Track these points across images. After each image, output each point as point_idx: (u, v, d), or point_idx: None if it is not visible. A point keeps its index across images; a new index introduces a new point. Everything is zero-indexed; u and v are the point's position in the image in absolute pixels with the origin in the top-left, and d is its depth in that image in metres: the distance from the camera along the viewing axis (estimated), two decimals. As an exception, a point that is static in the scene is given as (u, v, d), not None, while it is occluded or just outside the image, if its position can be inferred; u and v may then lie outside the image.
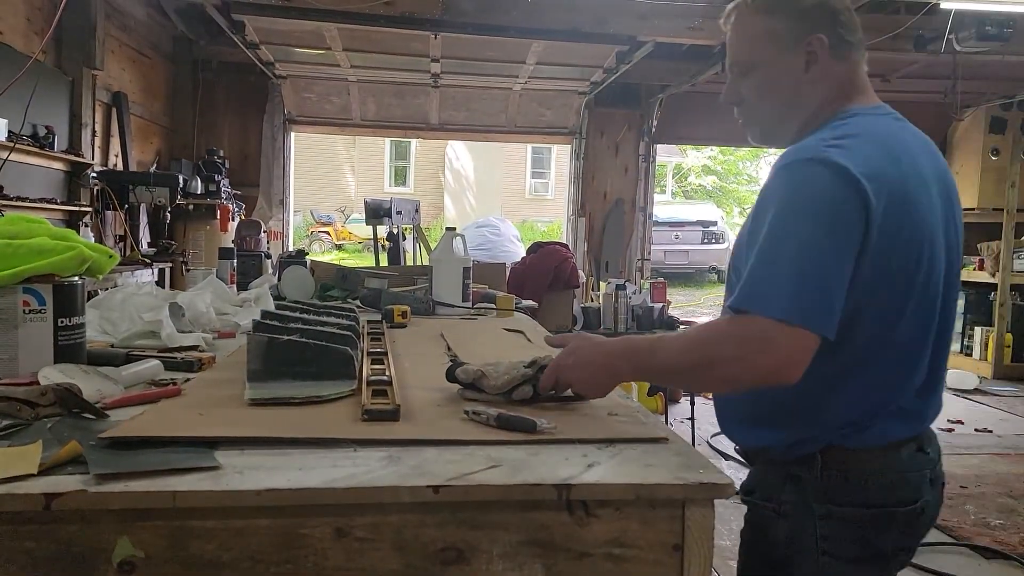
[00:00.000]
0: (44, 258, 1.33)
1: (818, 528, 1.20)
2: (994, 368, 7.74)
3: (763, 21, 1.30)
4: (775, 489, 1.25)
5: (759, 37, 1.31)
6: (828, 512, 1.20)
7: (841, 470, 1.20)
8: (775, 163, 1.22)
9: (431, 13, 5.63)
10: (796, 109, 1.32)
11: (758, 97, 1.34)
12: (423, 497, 0.89)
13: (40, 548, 0.84)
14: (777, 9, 1.30)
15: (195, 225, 6.56)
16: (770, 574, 1.25)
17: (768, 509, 1.25)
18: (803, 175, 1.15)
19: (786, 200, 1.14)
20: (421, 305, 2.50)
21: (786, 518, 1.23)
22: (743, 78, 1.34)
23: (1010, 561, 3.26)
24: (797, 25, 1.28)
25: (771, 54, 1.30)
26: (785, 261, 1.10)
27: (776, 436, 1.25)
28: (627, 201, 8.38)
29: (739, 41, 1.34)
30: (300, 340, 1.33)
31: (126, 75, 6.35)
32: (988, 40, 5.51)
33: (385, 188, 20.87)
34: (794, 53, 1.29)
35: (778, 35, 1.29)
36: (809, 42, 1.28)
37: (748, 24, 1.33)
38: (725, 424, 1.36)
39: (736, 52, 1.35)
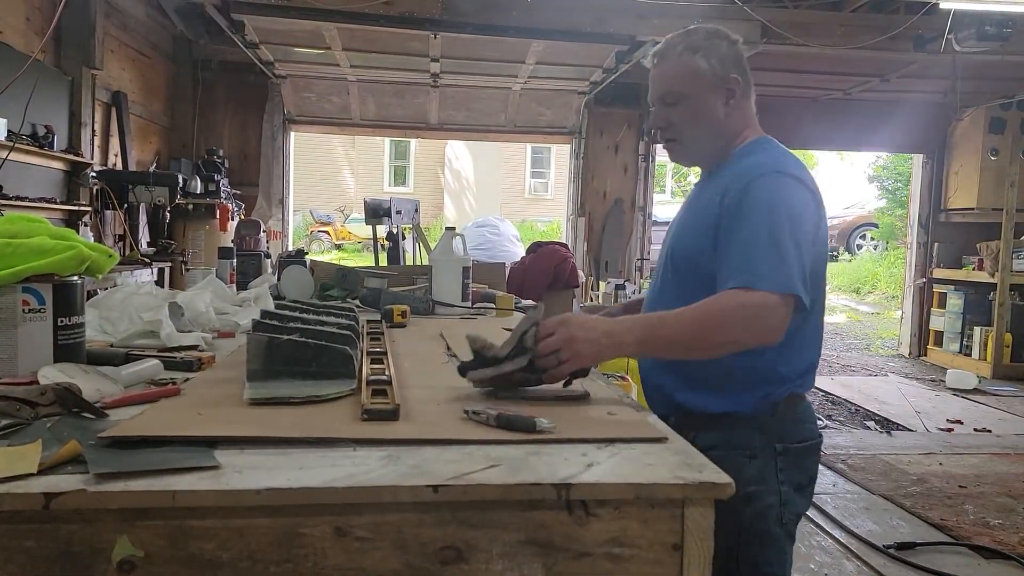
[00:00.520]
0: (44, 257, 1.33)
1: (778, 463, 1.54)
2: (993, 368, 7.75)
3: (692, 61, 1.59)
4: (744, 437, 1.54)
5: (689, 74, 1.60)
6: (784, 449, 1.55)
7: (792, 414, 1.57)
8: (747, 175, 1.51)
9: (431, 13, 5.63)
10: (717, 135, 1.63)
11: (687, 124, 1.62)
12: (423, 497, 0.89)
13: (40, 547, 0.84)
14: (702, 52, 1.59)
15: (194, 225, 6.55)
16: (743, 508, 1.50)
17: (740, 455, 1.52)
18: (779, 185, 1.48)
19: (770, 204, 1.46)
20: (421, 305, 2.50)
21: (754, 459, 1.53)
22: (672, 108, 1.62)
23: (1009, 561, 3.27)
24: (718, 66, 1.59)
25: (699, 89, 1.60)
26: (773, 247, 1.41)
27: (751, 396, 1.54)
28: (626, 201, 8.38)
29: (671, 77, 1.61)
30: (300, 340, 1.33)
31: (126, 75, 6.35)
32: (987, 40, 5.51)
33: (385, 188, 20.86)
34: (717, 89, 1.60)
35: (703, 73, 1.59)
36: (729, 81, 1.60)
37: (678, 63, 1.61)
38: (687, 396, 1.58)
39: (668, 85, 1.62)
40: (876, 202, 18.74)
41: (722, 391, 1.55)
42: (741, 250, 1.44)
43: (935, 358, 8.65)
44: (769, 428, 1.54)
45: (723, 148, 1.63)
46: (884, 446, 5.09)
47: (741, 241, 1.44)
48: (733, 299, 1.40)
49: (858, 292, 14.57)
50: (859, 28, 5.90)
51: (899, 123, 8.32)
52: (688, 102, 1.60)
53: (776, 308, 1.39)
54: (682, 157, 1.69)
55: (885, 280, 14.51)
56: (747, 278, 1.40)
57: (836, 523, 3.65)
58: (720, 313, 1.40)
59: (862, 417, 5.99)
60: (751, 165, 1.54)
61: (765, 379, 1.54)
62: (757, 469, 1.53)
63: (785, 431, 1.56)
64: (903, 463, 4.63)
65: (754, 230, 1.44)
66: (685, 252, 1.59)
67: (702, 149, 1.66)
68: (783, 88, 7.91)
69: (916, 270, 8.99)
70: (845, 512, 3.80)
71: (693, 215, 1.62)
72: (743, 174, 1.51)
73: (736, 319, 1.39)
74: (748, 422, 1.54)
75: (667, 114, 1.63)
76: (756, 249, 1.42)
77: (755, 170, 1.51)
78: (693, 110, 1.60)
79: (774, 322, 1.40)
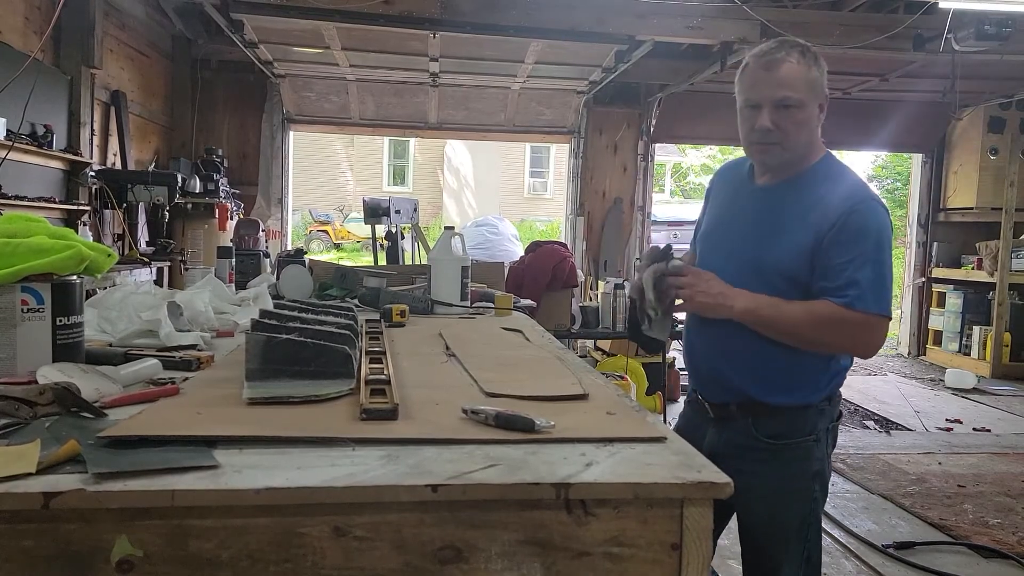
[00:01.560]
0: (42, 257, 1.33)
1: (828, 438, 1.79)
2: (992, 367, 7.75)
3: (810, 72, 1.68)
4: (810, 425, 1.75)
5: (808, 83, 1.67)
6: (832, 427, 1.81)
7: (837, 399, 1.83)
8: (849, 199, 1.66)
9: (430, 12, 5.62)
10: (809, 145, 1.73)
11: (794, 130, 1.68)
12: (422, 496, 0.89)
13: (38, 547, 0.84)
14: (815, 64, 1.69)
15: (194, 224, 6.55)
16: (813, 484, 1.76)
17: (808, 440, 1.75)
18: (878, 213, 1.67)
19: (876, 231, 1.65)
20: (419, 304, 2.50)
21: (819, 442, 1.76)
22: (786, 110, 1.67)
23: (1008, 560, 3.27)
24: (822, 79, 1.70)
25: (812, 98, 1.69)
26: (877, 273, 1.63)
27: (820, 391, 1.77)
28: (626, 200, 8.38)
29: (793, 81, 1.66)
30: (298, 339, 1.33)
31: (125, 74, 6.34)
32: (987, 40, 5.50)
33: (384, 187, 20.85)
34: (818, 102, 1.71)
35: (817, 85, 1.69)
36: (825, 94, 1.72)
37: (802, 70, 1.67)
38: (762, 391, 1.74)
39: (788, 89, 1.66)
40: (875, 201, 18.73)
41: (799, 389, 1.74)
42: (845, 270, 1.62)
43: (934, 357, 8.65)
44: (827, 413, 1.78)
45: (805, 158, 1.75)
46: (883, 446, 5.10)
47: (846, 263, 1.62)
48: (835, 311, 1.62)
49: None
50: (858, 27, 5.90)
51: (898, 122, 8.32)
52: (802, 109, 1.68)
53: (877, 328, 1.65)
54: (777, 159, 1.74)
55: (884, 279, 14.47)
56: (853, 297, 1.61)
57: (835, 522, 3.65)
58: (825, 321, 1.63)
59: (861, 416, 5.99)
60: (851, 187, 1.71)
61: (834, 376, 1.78)
62: (821, 450, 1.77)
63: (833, 412, 1.81)
64: (902, 463, 4.64)
65: (858, 253, 1.62)
66: (783, 263, 1.69)
67: (796, 155, 1.73)
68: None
69: (915, 269, 9.00)
70: (844, 511, 3.80)
71: (779, 227, 1.72)
72: (845, 197, 1.67)
73: (838, 330, 1.64)
74: (814, 410, 1.76)
75: (777, 117, 1.68)
76: (859, 272, 1.61)
77: (856, 194, 1.68)
78: (803, 117, 1.69)
79: (875, 340, 1.68)
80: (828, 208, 1.65)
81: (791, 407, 1.75)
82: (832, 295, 1.63)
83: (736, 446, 1.75)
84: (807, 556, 1.78)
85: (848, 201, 1.66)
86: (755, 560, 1.82)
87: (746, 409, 1.76)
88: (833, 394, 1.80)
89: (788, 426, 1.75)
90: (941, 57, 5.97)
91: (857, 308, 1.61)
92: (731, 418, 1.80)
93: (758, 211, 1.77)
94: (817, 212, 1.66)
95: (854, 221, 1.63)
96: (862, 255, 1.62)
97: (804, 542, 1.77)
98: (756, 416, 1.75)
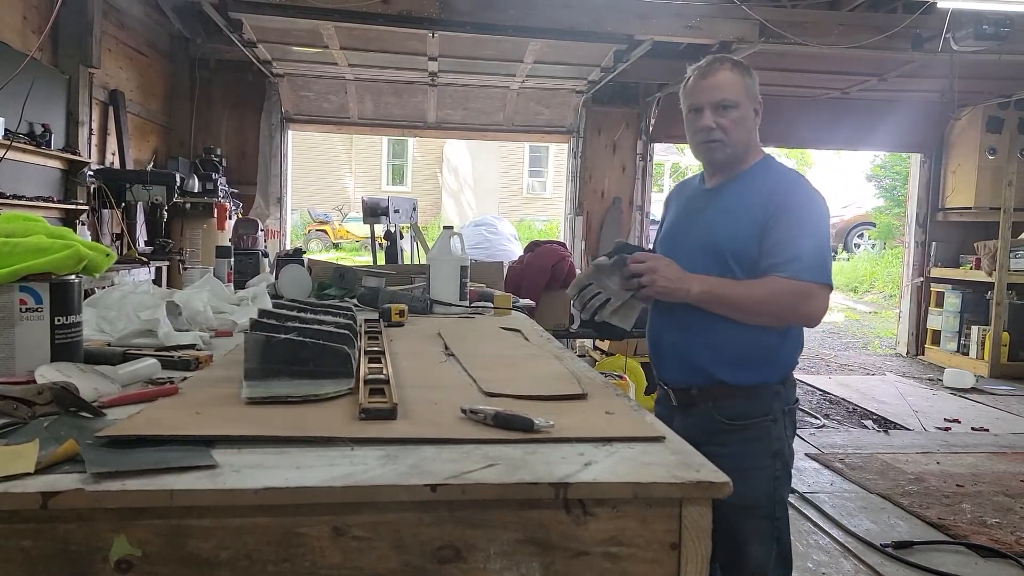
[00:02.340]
0: (41, 256, 1.33)
1: (785, 422, 1.92)
2: (991, 367, 7.76)
3: (743, 79, 1.92)
4: (767, 405, 1.89)
5: (742, 87, 1.91)
6: (789, 410, 1.93)
7: (792, 383, 1.96)
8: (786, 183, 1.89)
9: (428, 12, 5.62)
10: (748, 143, 1.94)
11: (733, 128, 1.90)
12: (420, 496, 0.89)
13: (37, 547, 0.84)
14: (747, 74, 1.93)
15: (192, 223, 6.54)
16: (774, 462, 1.89)
17: (767, 420, 1.88)
18: (814, 196, 1.87)
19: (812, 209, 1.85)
20: (419, 304, 2.50)
21: (776, 422, 1.89)
22: (724, 110, 1.89)
23: (1006, 560, 3.27)
24: (755, 88, 1.94)
25: (746, 101, 1.91)
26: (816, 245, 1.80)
27: (778, 370, 1.92)
28: (625, 200, 8.38)
29: (727, 85, 1.90)
30: (297, 339, 1.33)
31: (123, 73, 6.34)
32: (985, 39, 5.51)
33: (383, 187, 20.83)
34: (753, 106, 1.94)
35: (751, 91, 1.93)
36: (759, 101, 1.95)
37: (734, 77, 1.91)
38: (723, 370, 1.87)
39: (724, 92, 1.90)
40: (874, 201, 18.76)
41: (759, 367, 1.88)
42: (786, 246, 1.79)
43: (933, 357, 8.66)
44: (783, 395, 1.91)
45: (745, 156, 1.95)
46: (882, 445, 5.10)
47: (787, 238, 1.79)
48: (782, 284, 1.77)
49: (856, 291, 14.59)
50: (857, 27, 5.90)
51: (897, 122, 8.32)
52: (738, 110, 1.90)
53: (819, 295, 1.79)
54: (722, 155, 1.94)
55: (883, 279, 14.52)
56: (793, 269, 1.77)
57: (834, 522, 3.65)
58: (774, 294, 1.79)
59: (860, 416, 5.99)
60: (786, 176, 1.93)
61: (789, 355, 1.93)
62: (779, 430, 1.90)
63: (790, 395, 1.94)
64: (900, 462, 4.64)
65: (799, 230, 1.80)
66: (733, 244, 1.86)
67: (737, 152, 1.94)
68: (781, 87, 7.91)
69: (914, 269, 9.00)
70: (843, 511, 3.80)
71: (728, 215, 1.90)
72: (782, 183, 1.89)
73: (786, 301, 1.79)
74: (770, 391, 1.89)
75: (719, 117, 1.90)
76: (801, 246, 1.78)
77: (793, 182, 1.90)
78: (739, 116, 1.90)
79: (818, 308, 1.81)
80: (769, 194, 1.85)
81: (749, 387, 1.88)
82: (777, 270, 1.78)
83: (703, 431, 1.83)
84: (776, 535, 1.90)
85: (786, 186, 1.88)
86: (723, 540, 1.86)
87: (706, 393, 1.90)
88: (787, 376, 1.94)
89: (747, 406, 1.89)
90: (939, 57, 5.97)
91: (801, 278, 1.77)
92: (693, 403, 1.93)
93: (709, 206, 1.96)
94: (760, 198, 1.85)
95: (792, 201, 1.84)
96: (801, 231, 1.80)
97: (772, 519, 1.89)
98: (716, 399, 1.90)
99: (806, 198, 1.86)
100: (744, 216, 1.86)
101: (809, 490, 4.10)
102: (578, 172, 8.33)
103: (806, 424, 5.61)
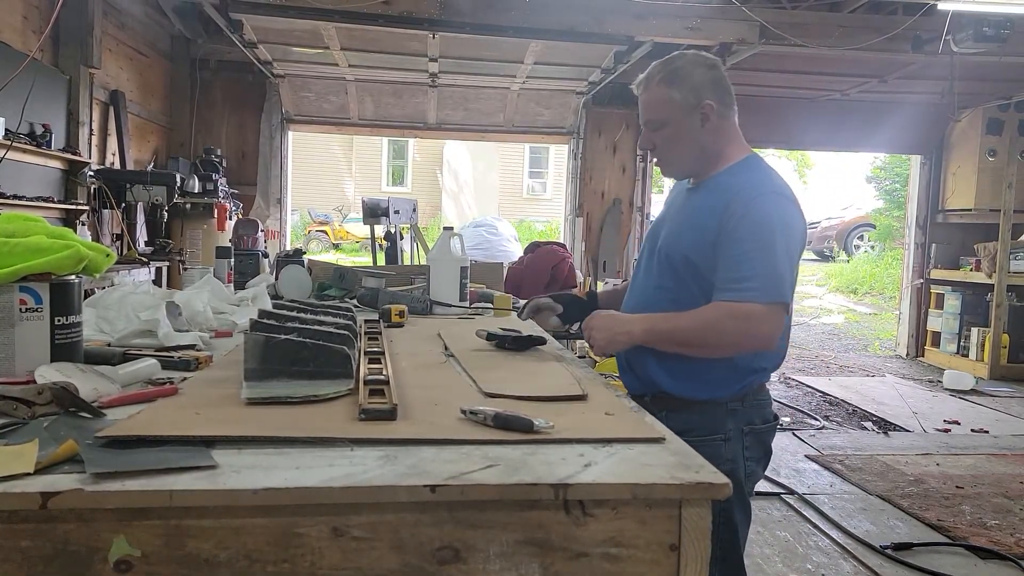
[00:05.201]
0: (41, 256, 1.33)
1: (744, 442, 1.77)
2: (990, 369, 7.76)
3: (668, 92, 1.76)
4: (719, 423, 1.75)
5: (664, 103, 1.77)
6: (751, 430, 1.78)
7: (757, 400, 1.80)
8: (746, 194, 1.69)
9: (429, 12, 5.62)
10: (699, 154, 1.80)
11: (668, 147, 1.80)
12: (420, 496, 0.89)
13: (36, 547, 0.84)
14: (675, 83, 1.76)
15: (192, 224, 6.54)
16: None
17: (716, 439, 1.74)
18: (776, 204, 1.69)
19: (768, 222, 1.66)
20: (418, 304, 2.50)
21: (728, 441, 1.76)
22: (655, 132, 1.80)
23: (1006, 561, 3.27)
24: (692, 95, 1.76)
25: (674, 116, 1.77)
26: (767, 262, 1.62)
27: (728, 386, 1.76)
28: (625, 201, 8.38)
29: (651, 105, 1.79)
30: (297, 339, 1.33)
31: (123, 74, 6.34)
32: (985, 41, 5.51)
33: (383, 187, 20.83)
34: (692, 115, 1.76)
35: (676, 102, 1.76)
36: (703, 107, 1.76)
37: (656, 92, 1.78)
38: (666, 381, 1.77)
39: (649, 113, 1.80)
40: (874, 203, 18.76)
41: (705, 380, 1.75)
42: (734, 266, 1.64)
43: (932, 359, 8.66)
44: (740, 414, 1.77)
45: (708, 164, 1.81)
46: (881, 447, 5.10)
47: (735, 257, 1.64)
48: (723, 309, 1.64)
49: (855, 293, 14.58)
50: (857, 29, 5.91)
51: (897, 124, 8.33)
52: (667, 128, 1.79)
53: (765, 316, 1.62)
54: (671, 173, 1.90)
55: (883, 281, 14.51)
56: (736, 291, 1.63)
57: (833, 523, 3.65)
58: (715, 321, 1.65)
59: (859, 418, 5.99)
60: (748, 184, 1.73)
61: (745, 371, 1.76)
62: (731, 451, 1.76)
63: (751, 415, 1.79)
64: (900, 464, 4.64)
65: (749, 247, 1.64)
66: (683, 254, 1.75)
67: (686, 167, 1.84)
68: (781, 89, 7.92)
69: (914, 271, 9.00)
70: (842, 512, 3.80)
71: (687, 220, 1.80)
72: (742, 193, 1.70)
73: (728, 327, 1.64)
74: (723, 408, 1.76)
75: (651, 137, 1.83)
76: (747, 265, 1.63)
77: (754, 190, 1.70)
78: (671, 134, 1.79)
79: (766, 329, 1.63)
80: (728, 203, 1.70)
81: (699, 402, 1.76)
82: (722, 293, 1.66)
83: None
84: (720, 556, 1.76)
85: (747, 195, 1.69)
86: None
87: (659, 401, 1.77)
88: (745, 394, 1.78)
89: (695, 422, 1.73)
90: (940, 59, 5.97)
91: (746, 300, 1.62)
92: (647, 411, 1.78)
93: (680, 210, 1.87)
94: (718, 206, 1.71)
95: (750, 213, 1.67)
96: (755, 245, 1.64)
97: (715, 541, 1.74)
98: (669, 410, 1.74)
99: (768, 208, 1.68)
100: (705, 224, 1.72)
101: (809, 491, 4.10)
102: (578, 173, 8.33)
103: (805, 426, 5.61)
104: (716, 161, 1.81)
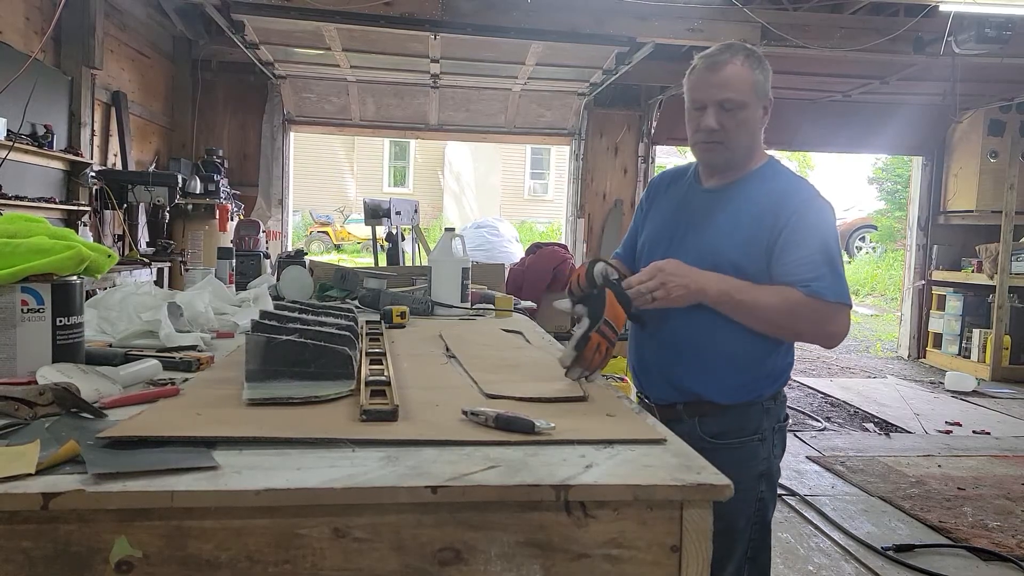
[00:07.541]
0: (42, 257, 1.33)
1: (774, 439, 1.80)
2: (992, 370, 7.75)
3: (753, 74, 1.72)
4: (756, 423, 1.76)
5: (752, 85, 1.72)
6: (780, 427, 1.82)
7: (783, 400, 1.84)
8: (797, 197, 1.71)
9: (430, 13, 5.62)
10: (751, 146, 1.78)
11: (737, 131, 1.73)
12: (421, 497, 0.89)
13: (37, 548, 0.84)
14: (759, 67, 1.73)
15: (194, 225, 6.55)
16: (759, 484, 1.77)
17: (754, 440, 1.76)
18: (826, 210, 1.72)
19: (826, 227, 1.70)
20: (420, 306, 2.50)
21: (763, 441, 1.77)
22: (727, 113, 1.71)
23: (1007, 563, 3.27)
24: (766, 83, 1.74)
25: (754, 100, 1.73)
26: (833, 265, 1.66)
27: (770, 386, 1.78)
28: (626, 202, 8.38)
29: (734, 82, 1.71)
30: (298, 340, 1.33)
31: (125, 74, 6.35)
32: (987, 42, 5.51)
33: (384, 188, 20.84)
34: (762, 104, 1.75)
35: (761, 88, 1.73)
36: (769, 98, 1.76)
37: (743, 71, 1.71)
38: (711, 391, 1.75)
39: (730, 91, 1.71)
40: (875, 204, 18.75)
41: (749, 383, 1.75)
42: (814, 264, 1.64)
43: (934, 360, 8.65)
44: (772, 412, 1.79)
45: (746, 160, 1.78)
46: (883, 448, 5.09)
47: (810, 256, 1.64)
48: (811, 303, 1.63)
49: (857, 294, 14.58)
50: (859, 30, 5.91)
51: (898, 125, 8.32)
52: (744, 110, 1.72)
53: (838, 315, 1.67)
54: (721, 158, 1.78)
55: (884, 282, 14.51)
56: (821, 287, 1.63)
57: (835, 525, 3.65)
58: (796, 305, 1.63)
59: (861, 419, 5.99)
60: (797, 186, 1.75)
61: (784, 368, 1.80)
62: (767, 449, 1.78)
63: (780, 412, 1.82)
64: (902, 465, 4.63)
65: (820, 248, 1.65)
66: (731, 260, 1.70)
67: (739, 156, 1.77)
68: (783, 90, 7.91)
69: (915, 272, 8.99)
70: (844, 514, 3.79)
71: (728, 226, 1.74)
72: (793, 191, 1.73)
73: (805, 316, 1.64)
74: (759, 408, 1.77)
75: (721, 118, 1.72)
76: (825, 265, 1.65)
77: (805, 192, 1.73)
78: (745, 118, 1.73)
79: (842, 329, 1.69)
80: (779, 204, 1.69)
81: (737, 405, 1.75)
82: (800, 287, 1.64)
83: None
84: (751, 556, 1.77)
85: (799, 198, 1.71)
86: None
87: (693, 409, 1.77)
88: (779, 392, 1.81)
89: (733, 425, 1.75)
90: (941, 60, 5.97)
91: (827, 297, 1.63)
92: (677, 419, 1.76)
93: (710, 211, 1.78)
94: (770, 208, 1.69)
95: (808, 218, 1.68)
96: (820, 249, 1.65)
97: (748, 542, 1.76)
98: (702, 416, 1.76)
99: (821, 211, 1.71)
100: (752, 225, 1.70)
101: (810, 493, 4.10)
102: (579, 174, 8.33)
103: (807, 427, 5.61)
104: (749, 159, 1.79)
